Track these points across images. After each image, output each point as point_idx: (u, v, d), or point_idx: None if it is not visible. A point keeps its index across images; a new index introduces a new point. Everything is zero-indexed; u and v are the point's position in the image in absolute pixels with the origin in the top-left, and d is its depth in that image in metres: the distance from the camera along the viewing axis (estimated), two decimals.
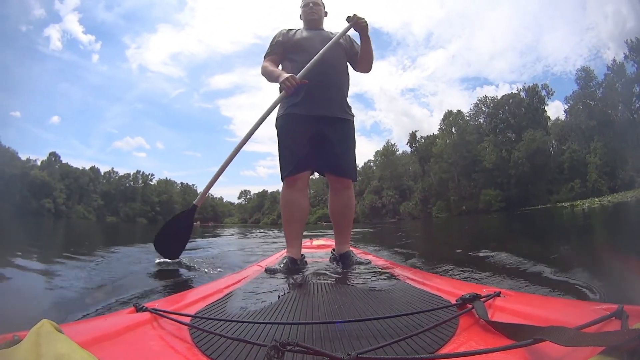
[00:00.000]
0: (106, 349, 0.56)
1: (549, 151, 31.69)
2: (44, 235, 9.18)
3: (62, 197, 41.58)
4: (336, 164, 1.74)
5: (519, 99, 35.33)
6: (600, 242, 2.50)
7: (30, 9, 46.88)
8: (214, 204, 60.39)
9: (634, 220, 6.85)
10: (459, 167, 35.26)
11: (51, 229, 13.30)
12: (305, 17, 1.84)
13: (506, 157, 32.68)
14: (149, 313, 0.75)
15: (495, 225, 10.39)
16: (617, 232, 4.88)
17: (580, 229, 6.21)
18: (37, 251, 4.65)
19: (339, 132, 1.73)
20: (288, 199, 1.71)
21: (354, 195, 1.84)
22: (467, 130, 36.45)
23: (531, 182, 30.95)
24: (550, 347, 0.47)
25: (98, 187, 46.83)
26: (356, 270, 1.54)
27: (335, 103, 1.73)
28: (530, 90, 35.31)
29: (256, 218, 56.50)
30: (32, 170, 40.09)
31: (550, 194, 28.85)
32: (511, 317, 0.64)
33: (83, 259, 3.56)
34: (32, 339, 0.47)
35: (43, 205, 38.87)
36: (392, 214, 40.36)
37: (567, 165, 30.25)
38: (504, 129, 35.37)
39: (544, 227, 7.66)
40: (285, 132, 1.73)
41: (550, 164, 31.08)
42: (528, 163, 31.05)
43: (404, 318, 0.69)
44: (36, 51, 48.42)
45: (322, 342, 0.61)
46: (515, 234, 6.60)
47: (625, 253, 2.19)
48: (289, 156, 1.70)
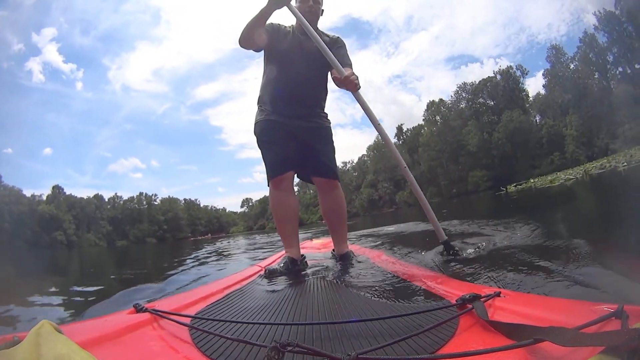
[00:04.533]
0: (106, 350, 0.56)
1: (529, 128, 32.98)
2: (67, 268, 9.11)
3: (72, 228, 42.56)
4: (321, 167, 1.76)
5: (495, 82, 36.73)
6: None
7: (9, 45, 47.41)
8: (218, 215, 61.04)
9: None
10: (445, 154, 36.76)
11: (67, 259, 13.28)
12: (302, 14, 1.81)
13: (487, 139, 34.26)
14: (149, 313, 0.75)
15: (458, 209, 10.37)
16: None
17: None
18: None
19: (318, 138, 1.76)
20: (277, 200, 1.73)
21: (342, 194, 1.86)
22: (450, 117, 38.09)
23: (514, 159, 32.59)
24: (550, 347, 0.47)
25: (104, 213, 47.84)
26: (356, 270, 1.54)
27: (310, 113, 1.75)
28: (504, 73, 36.79)
29: (261, 224, 56.57)
30: (39, 206, 41.00)
31: (534, 169, 29.95)
32: (511, 317, 0.64)
33: None
34: (32, 339, 0.47)
35: (55, 238, 39.78)
36: (389, 204, 41.62)
37: (546, 140, 31.83)
38: (484, 112, 36.82)
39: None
40: (264, 137, 1.74)
41: (531, 140, 32.40)
42: (508, 143, 32.73)
43: (404, 318, 0.69)
44: (20, 86, 49.05)
45: (322, 342, 0.61)
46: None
47: None
48: (272, 158, 1.71)
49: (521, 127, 32.60)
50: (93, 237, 44.20)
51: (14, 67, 48.52)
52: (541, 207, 5.12)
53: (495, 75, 37.46)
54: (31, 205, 40.24)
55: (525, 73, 36.91)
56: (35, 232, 38.32)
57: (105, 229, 46.56)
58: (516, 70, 36.94)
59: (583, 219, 3.12)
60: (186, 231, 53.50)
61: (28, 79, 50.87)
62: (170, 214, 52.77)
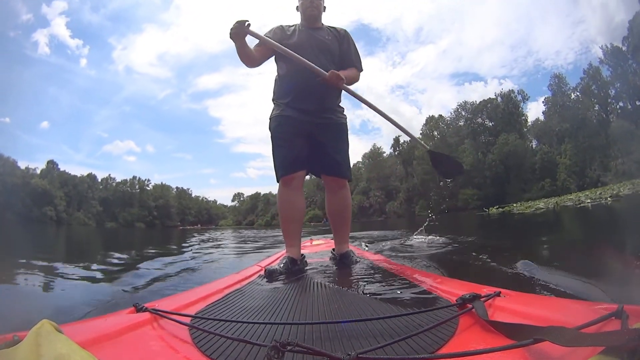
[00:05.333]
0: (106, 349, 0.56)
1: (523, 153, 33.76)
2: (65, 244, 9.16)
3: (63, 205, 42.01)
4: (331, 165, 1.75)
5: (495, 104, 37.52)
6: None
7: (18, 14, 46.44)
8: (208, 207, 60.76)
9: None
10: None
11: (58, 236, 13.30)
12: (304, 11, 1.80)
13: (482, 159, 35.11)
14: (149, 313, 0.74)
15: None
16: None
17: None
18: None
19: (332, 135, 1.74)
20: (284, 198, 1.71)
21: (350, 194, 1.85)
22: (448, 133, 38.91)
23: (506, 181, 33.35)
24: (550, 347, 0.47)
25: (96, 193, 47.23)
26: (356, 269, 1.54)
27: (326, 108, 1.74)
28: (505, 96, 37.60)
29: (250, 220, 56.56)
30: (33, 179, 40.49)
31: (524, 193, 30.56)
32: (511, 317, 0.64)
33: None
34: (32, 339, 0.47)
35: (45, 213, 39.26)
36: (379, 212, 42.09)
37: (539, 166, 32.67)
38: (481, 133, 37.71)
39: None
40: (278, 133, 1.73)
41: (524, 164, 33.14)
42: (502, 165, 33.58)
43: (404, 318, 0.69)
44: (25, 56, 47.69)
45: (322, 342, 0.61)
46: None
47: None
48: (284, 156, 1.70)
49: (516, 150, 33.49)
50: (83, 216, 43.62)
51: (21, 36, 46.85)
52: (505, 229, 5.78)
53: (496, 97, 38.14)
54: (25, 177, 39.66)
55: (526, 98, 37.75)
56: (26, 205, 37.77)
57: (96, 209, 45.84)
58: (517, 95, 37.70)
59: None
60: (175, 220, 53.10)
61: (33, 50, 49.19)
62: (161, 200, 52.19)
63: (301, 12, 1.82)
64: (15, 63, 45.50)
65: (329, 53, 1.75)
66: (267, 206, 55.98)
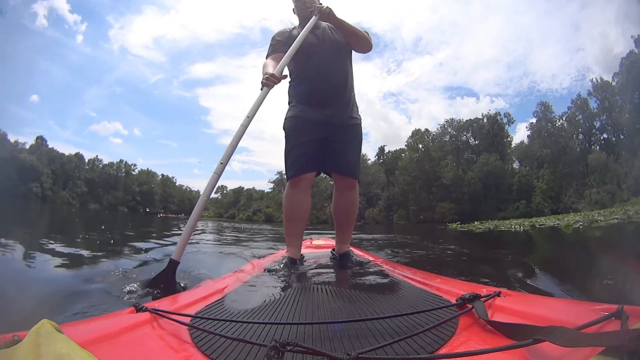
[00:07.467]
0: (106, 349, 0.56)
1: (502, 173, 34.75)
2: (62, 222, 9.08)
3: (49, 182, 41.65)
4: (342, 164, 1.75)
5: (481, 124, 38.40)
6: None
7: None
8: (191, 197, 60.30)
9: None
10: (420, 181, 38.38)
11: (45, 214, 13.15)
12: (299, 12, 1.81)
13: (462, 176, 35.89)
14: (149, 313, 0.74)
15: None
16: None
17: None
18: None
19: (347, 135, 1.75)
20: (291, 198, 1.72)
21: (358, 196, 1.85)
22: (432, 147, 39.72)
23: (483, 199, 34.21)
24: (550, 347, 0.47)
25: (82, 174, 46.94)
26: (356, 270, 1.54)
27: (341, 107, 1.74)
28: (491, 118, 38.53)
29: (232, 213, 56.20)
30: (22, 154, 39.96)
31: (499, 211, 31.18)
32: (511, 317, 0.64)
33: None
34: (32, 339, 0.47)
35: (30, 189, 38.81)
36: (358, 218, 42.13)
37: (516, 187, 33.61)
38: (464, 150, 38.65)
39: None
40: (292, 134, 1.74)
41: (503, 184, 34.12)
42: (480, 183, 34.47)
43: (404, 318, 0.69)
44: (22, 26, 47.09)
45: (322, 342, 0.61)
46: None
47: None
48: (296, 157, 1.70)
49: (495, 171, 34.30)
50: (67, 196, 43.29)
51: (21, 6, 46.84)
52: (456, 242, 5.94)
53: (482, 118, 39.03)
54: (13, 151, 39.21)
55: (511, 122, 38.83)
56: (12, 179, 37.33)
57: (81, 189, 45.56)
58: (503, 117, 38.74)
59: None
60: (158, 207, 52.65)
61: (31, 21, 49.29)
62: (145, 186, 51.93)
63: (297, 14, 1.83)
64: (11, 33, 44.42)
65: (339, 44, 1.77)
66: (249, 202, 55.96)
